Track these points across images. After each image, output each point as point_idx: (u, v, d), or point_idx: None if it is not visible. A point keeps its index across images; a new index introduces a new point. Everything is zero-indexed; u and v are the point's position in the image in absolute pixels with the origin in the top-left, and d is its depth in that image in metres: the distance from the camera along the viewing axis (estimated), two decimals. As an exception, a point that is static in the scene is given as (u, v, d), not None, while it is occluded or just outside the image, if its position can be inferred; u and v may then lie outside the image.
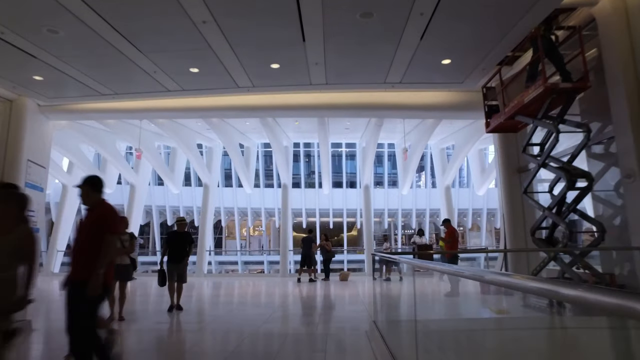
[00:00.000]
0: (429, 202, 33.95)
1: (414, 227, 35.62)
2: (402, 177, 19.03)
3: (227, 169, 33.49)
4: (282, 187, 18.48)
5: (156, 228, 33.74)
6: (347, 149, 34.98)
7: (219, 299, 10.99)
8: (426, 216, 34.19)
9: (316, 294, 11.75)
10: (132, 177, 18.79)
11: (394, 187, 33.27)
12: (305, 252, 14.94)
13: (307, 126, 16.48)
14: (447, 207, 18.49)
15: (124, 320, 7.48)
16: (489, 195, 33.69)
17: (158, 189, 31.23)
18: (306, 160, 36.12)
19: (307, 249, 14.89)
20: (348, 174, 35.03)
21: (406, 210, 34.45)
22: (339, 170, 34.92)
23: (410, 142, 18.14)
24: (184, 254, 8.79)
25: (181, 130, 16.18)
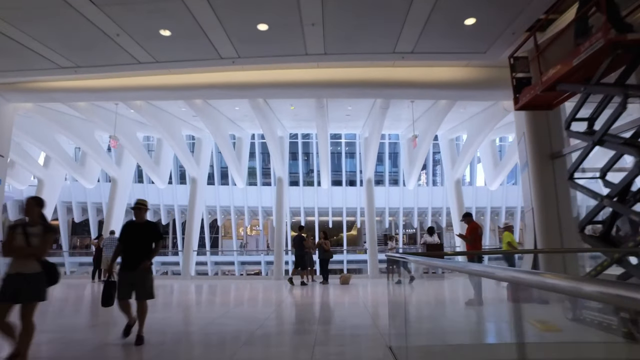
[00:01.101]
0: (431, 201, 31.99)
1: (415, 226, 33.59)
2: (408, 170, 16.91)
3: (223, 167, 31.51)
4: (277, 181, 16.35)
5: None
6: (346, 148, 33.03)
7: (188, 312, 8.84)
8: (428, 215, 32.17)
9: (311, 301, 9.62)
10: (113, 170, 16.67)
11: (395, 186, 31.23)
12: (297, 252, 12.89)
13: (303, 112, 14.38)
14: (458, 204, 16.35)
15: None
16: (493, 192, 31.73)
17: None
18: (305, 159, 34.26)
19: (299, 248, 12.78)
20: (347, 173, 33.07)
21: (407, 209, 32.44)
22: (338, 169, 33.19)
23: (417, 131, 16.05)
24: (143, 256, 5.43)
25: (163, 117, 14.08)
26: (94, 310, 8.33)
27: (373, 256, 15.52)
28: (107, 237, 14.88)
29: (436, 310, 8.27)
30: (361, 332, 6.32)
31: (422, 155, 15.42)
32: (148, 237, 5.58)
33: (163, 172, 17.08)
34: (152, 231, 5.64)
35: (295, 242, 12.94)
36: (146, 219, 5.73)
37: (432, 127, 13.58)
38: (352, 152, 33.91)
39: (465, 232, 9.52)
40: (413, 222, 32.75)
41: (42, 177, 17.01)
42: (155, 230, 5.69)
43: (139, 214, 5.66)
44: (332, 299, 9.94)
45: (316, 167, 33.46)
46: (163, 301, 9.13)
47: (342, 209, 32.00)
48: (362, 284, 13.79)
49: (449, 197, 17.35)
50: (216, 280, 16.03)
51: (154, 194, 30.70)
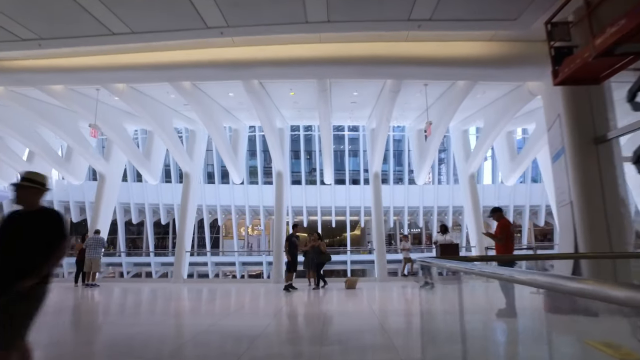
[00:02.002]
0: (437, 199, 30.41)
1: (421, 226, 31.98)
2: (418, 165, 15.27)
3: (224, 166, 29.99)
4: (277, 176, 14.76)
5: (149, 227, 30.09)
6: (349, 146, 31.52)
7: (166, 325, 7.25)
8: (434, 214, 30.55)
9: (313, 311, 7.99)
10: (101, 165, 15.11)
11: (399, 184, 29.67)
12: (291, 253, 11.18)
13: (305, 99, 12.76)
14: (473, 201, 14.67)
15: None
16: (501, 190, 30.10)
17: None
18: (307, 157, 32.77)
19: (292, 248, 11.19)
20: (351, 171, 31.58)
21: (412, 208, 30.85)
22: (341, 167, 31.68)
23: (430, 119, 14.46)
24: (25, 268, 2.95)
25: (150, 105, 12.49)
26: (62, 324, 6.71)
27: (381, 257, 13.89)
28: (91, 236, 13.33)
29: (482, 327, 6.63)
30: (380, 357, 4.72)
31: (434, 147, 13.78)
32: (35, 237, 3.07)
33: (154, 167, 15.49)
34: (45, 226, 3.12)
35: (286, 243, 11.31)
36: (40, 206, 3.20)
37: (447, 115, 11.94)
38: (355, 149, 32.41)
39: (495, 230, 7.90)
40: (418, 222, 31.15)
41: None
42: (52, 225, 3.15)
43: (25, 197, 3.15)
44: (337, 307, 8.32)
45: (319, 164, 31.91)
46: (137, 310, 7.59)
47: (346, 208, 30.50)
48: (370, 288, 12.19)
49: (462, 194, 15.68)
50: (209, 284, 14.44)
51: (152, 192, 29.25)
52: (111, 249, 32.66)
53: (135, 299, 10.49)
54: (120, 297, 10.94)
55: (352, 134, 32.23)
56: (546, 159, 14.92)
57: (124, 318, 7.40)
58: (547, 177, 15.44)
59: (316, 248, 12.61)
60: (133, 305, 8.96)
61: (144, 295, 11.19)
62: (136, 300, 10.05)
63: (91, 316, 7.66)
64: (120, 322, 6.91)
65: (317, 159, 32.05)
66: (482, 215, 16.65)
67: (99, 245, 13.15)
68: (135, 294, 11.36)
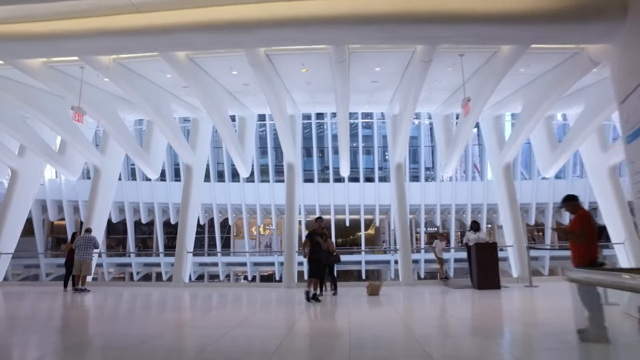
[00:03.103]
0: (455, 197, 28.24)
1: (438, 225, 29.80)
2: (445, 154, 13.09)
3: (234, 165, 28.28)
4: (288, 168, 12.83)
5: (159, 227, 28.43)
6: (363, 143, 29.57)
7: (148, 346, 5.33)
8: (452, 212, 28.37)
9: (333, 330, 5.99)
10: (95, 158, 13.36)
11: (415, 182, 27.61)
12: (312, 256, 8.57)
13: (319, 77, 10.73)
14: (509, 195, 12.37)
15: None
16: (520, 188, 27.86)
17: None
18: (319, 155, 30.93)
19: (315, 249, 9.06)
20: (365, 169, 29.71)
21: (429, 207, 28.73)
22: (354, 165, 29.82)
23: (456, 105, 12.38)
24: None
25: (145, 86, 10.61)
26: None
27: (406, 259, 11.85)
28: (80, 236, 11.56)
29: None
30: None
31: (466, 132, 11.67)
32: None
33: (154, 159, 13.65)
34: None
35: (307, 241, 8.73)
36: None
37: (484, 92, 9.81)
38: (369, 147, 30.47)
39: (571, 224, 5.84)
40: (435, 221, 29.00)
41: (17, 167, 13.78)
42: None
43: None
44: (364, 324, 6.31)
45: (331, 161, 29.98)
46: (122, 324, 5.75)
47: (360, 206, 28.53)
48: (396, 294, 10.17)
49: (496, 187, 13.50)
50: (213, 289, 12.48)
51: (162, 191, 27.61)
52: (121, 249, 31.13)
53: (124, 308, 8.63)
54: (108, 305, 9.12)
55: (366, 131, 30.27)
56: (590, 149, 12.75)
57: (104, 334, 5.54)
58: (591, 171, 13.27)
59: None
60: (120, 316, 7.12)
61: (137, 303, 9.34)
62: (125, 310, 8.18)
63: (63, 332, 5.80)
64: (98, 340, 5.05)
65: (330, 156, 30.17)
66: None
67: (89, 246, 11.34)
68: (126, 302, 9.50)
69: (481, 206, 28.56)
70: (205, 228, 30.67)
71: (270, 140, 28.88)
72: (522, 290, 10.15)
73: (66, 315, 7.35)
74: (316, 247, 8.45)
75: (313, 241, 8.39)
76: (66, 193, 26.79)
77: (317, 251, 9.06)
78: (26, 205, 14.41)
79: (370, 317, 6.94)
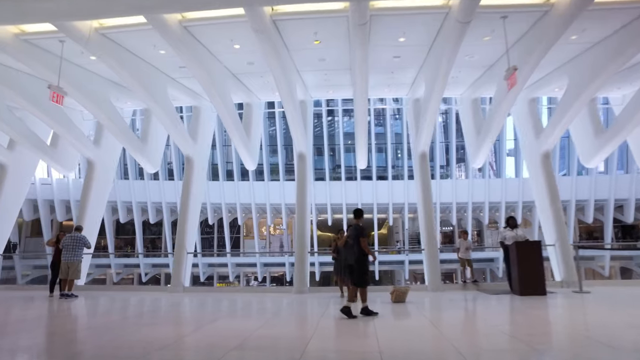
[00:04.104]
0: (471, 195, 26.44)
1: (454, 224, 27.94)
2: (475, 142, 11.25)
3: (243, 165, 26.80)
4: (298, 158, 11.17)
5: (167, 227, 27.00)
6: (375, 140, 27.84)
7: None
8: (468, 211, 26.55)
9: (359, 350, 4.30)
10: (89, 151, 11.85)
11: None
12: (359, 259, 6.31)
13: (333, 53, 9.00)
14: (548, 187, 10.52)
15: None
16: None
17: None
18: (330, 154, 29.42)
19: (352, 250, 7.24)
20: (377, 167, 28.07)
21: (445, 205, 26.93)
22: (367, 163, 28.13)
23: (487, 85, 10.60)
24: None
25: (135, 64, 9.01)
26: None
27: (433, 260, 10.08)
28: (68, 235, 10.03)
29: None
30: None
31: (503, 114, 9.83)
32: None
33: (153, 152, 12.09)
34: None
35: (349, 239, 6.49)
36: None
37: (529, 64, 8.07)
38: (381, 145, 28.78)
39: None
40: (451, 219, 27.18)
41: (6, 161, 12.31)
42: None
43: None
44: (397, 345, 4.56)
45: (343, 160, 28.43)
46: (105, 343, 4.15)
47: (373, 205, 26.84)
48: (423, 301, 8.44)
49: (533, 179, 11.62)
50: (215, 294, 10.74)
51: (170, 190, 26.19)
52: (129, 249, 29.77)
53: (104, 320, 7.02)
54: (90, 315, 7.55)
55: (378, 129, 28.55)
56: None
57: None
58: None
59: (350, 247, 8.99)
60: (98, 331, 5.54)
61: (126, 312, 7.73)
62: (105, 323, 6.55)
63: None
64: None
65: (342, 154, 28.58)
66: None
67: (78, 246, 9.78)
68: (111, 312, 7.88)
69: (499, 204, 26.71)
70: (214, 228, 29.21)
71: (280, 138, 27.34)
72: (573, 298, 8.31)
73: (35, 328, 5.75)
74: (353, 248, 6.48)
75: (357, 237, 6.40)
76: (74, 192, 25.49)
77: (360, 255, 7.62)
78: (16, 203, 12.93)
79: (403, 334, 5.22)
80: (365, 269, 6.29)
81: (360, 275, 6.22)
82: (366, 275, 6.28)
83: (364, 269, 6.28)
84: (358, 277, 6.21)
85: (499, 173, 27.60)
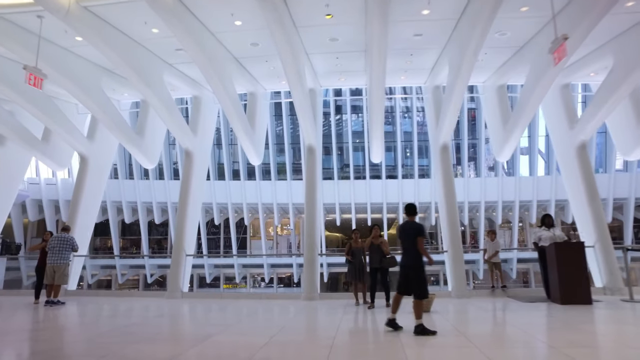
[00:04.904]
0: (483, 194, 25.09)
1: (465, 223, 26.55)
2: (503, 132, 9.96)
3: (250, 164, 25.69)
4: (307, 151, 9.97)
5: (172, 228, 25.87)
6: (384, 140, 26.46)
7: None
8: (481, 210, 25.19)
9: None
10: (81, 144, 10.74)
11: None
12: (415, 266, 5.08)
13: (346, 30, 7.79)
14: (585, 182, 9.25)
15: None
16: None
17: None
18: (339, 153, 28.30)
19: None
20: (387, 167, 26.90)
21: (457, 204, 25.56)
22: (375, 163, 27.02)
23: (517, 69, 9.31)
24: None
25: (126, 45, 7.96)
26: None
27: (457, 263, 8.80)
28: (55, 235, 8.91)
29: None
30: None
31: (536, 100, 8.54)
32: None
33: (150, 147, 10.95)
34: None
35: (404, 234, 5.19)
36: None
37: (578, 32, 6.79)
38: (389, 144, 27.52)
39: None
40: (463, 219, 25.80)
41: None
42: None
43: None
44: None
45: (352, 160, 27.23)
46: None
47: (382, 205, 25.61)
48: (450, 310, 7.19)
49: (565, 174, 10.30)
50: (216, 300, 9.42)
51: (175, 190, 25.09)
52: (134, 250, 28.77)
53: (94, 333, 5.83)
54: (74, 327, 6.40)
55: (387, 127, 27.32)
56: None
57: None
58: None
59: (374, 247, 7.81)
60: (83, 348, 4.39)
61: (117, 322, 6.53)
62: (94, 337, 5.37)
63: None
64: None
65: (351, 153, 27.39)
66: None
67: (65, 248, 8.64)
68: (101, 323, 6.69)
69: (513, 203, 25.33)
70: (220, 228, 28.08)
71: (287, 136, 26.20)
72: (626, 309, 7.01)
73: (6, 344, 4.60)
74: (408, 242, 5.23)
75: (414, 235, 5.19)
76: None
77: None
78: (6, 204, 11.86)
79: (438, 356, 4.00)
80: (424, 276, 5.04)
81: (420, 283, 4.95)
82: (425, 283, 5.04)
83: (423, 276, 5.02)
84: (417, 286, 4.95)
85: (512, 171, 26.29)
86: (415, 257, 5.00)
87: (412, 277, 4.99)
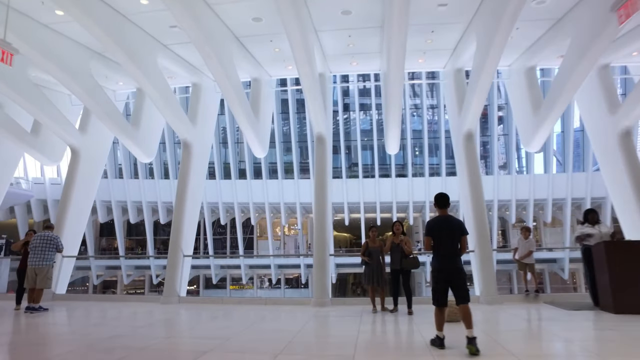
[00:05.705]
0: (497, 193, 23.88)
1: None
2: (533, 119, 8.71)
3: (256, 163, 24.73)
4: (317, 141, 8.88)
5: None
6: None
7: None
8: (494, 208, 23.90)
9: None
10: (72, 136, 9.75)
11: (453, 176, 23.28)
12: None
13: (360, 6, 6.84)
14: (630, 172, 8.07)
15: None
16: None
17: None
18: (347, 152, 27.32)
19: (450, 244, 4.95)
20: (396, 165, 25.87)
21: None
22: (384, 161, 26.07)
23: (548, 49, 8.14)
24: None
25: (113, 20, 6.93)
26: None
27: (487, 265, 7.64)
28: (38, 234, 7.89)
29: None
30: None
31: (577, 79, 7.36)
32: None
33: (146, 139, 9.93)
34: None
35: (449, 234, 4.16)
36: None
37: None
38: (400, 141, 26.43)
39: None
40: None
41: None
42: None
43: None
44: None
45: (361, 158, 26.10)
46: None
47: (392, 204, 24.47)
48: (483, 319, 6.05)
49: (604, 166, 9.08)
50: (215, 306, 8.26)
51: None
52: (140, 250, 27.87)
53: (71, 349, 4.79)
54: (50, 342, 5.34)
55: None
56: None
57: None
58: None
59: (394, 246, 6.73)
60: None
61: (102, 334, 5.44)
62: (70, 354, 4.32)
63: None
64: None
65: (359, 152, 26.30)
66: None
67: (48, 248, 7.61)
68: (85, 335, 5.62)
69: (527, 202, 24.03)
70: (227, 228, 27.07)
71: (294, 134, 25.17)
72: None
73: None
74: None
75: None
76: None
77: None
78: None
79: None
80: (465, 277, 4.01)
81: (465, 285, 3.97)
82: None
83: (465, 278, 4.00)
84: (464, 288, 3.89)
85: (527, 169, 25.04)
86: (460, 258, 3.92)
87: (456, 281, 3.94)
